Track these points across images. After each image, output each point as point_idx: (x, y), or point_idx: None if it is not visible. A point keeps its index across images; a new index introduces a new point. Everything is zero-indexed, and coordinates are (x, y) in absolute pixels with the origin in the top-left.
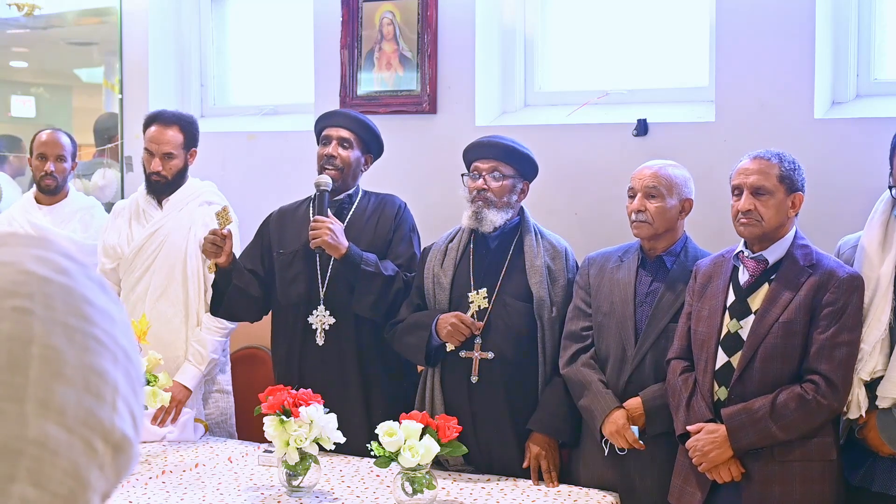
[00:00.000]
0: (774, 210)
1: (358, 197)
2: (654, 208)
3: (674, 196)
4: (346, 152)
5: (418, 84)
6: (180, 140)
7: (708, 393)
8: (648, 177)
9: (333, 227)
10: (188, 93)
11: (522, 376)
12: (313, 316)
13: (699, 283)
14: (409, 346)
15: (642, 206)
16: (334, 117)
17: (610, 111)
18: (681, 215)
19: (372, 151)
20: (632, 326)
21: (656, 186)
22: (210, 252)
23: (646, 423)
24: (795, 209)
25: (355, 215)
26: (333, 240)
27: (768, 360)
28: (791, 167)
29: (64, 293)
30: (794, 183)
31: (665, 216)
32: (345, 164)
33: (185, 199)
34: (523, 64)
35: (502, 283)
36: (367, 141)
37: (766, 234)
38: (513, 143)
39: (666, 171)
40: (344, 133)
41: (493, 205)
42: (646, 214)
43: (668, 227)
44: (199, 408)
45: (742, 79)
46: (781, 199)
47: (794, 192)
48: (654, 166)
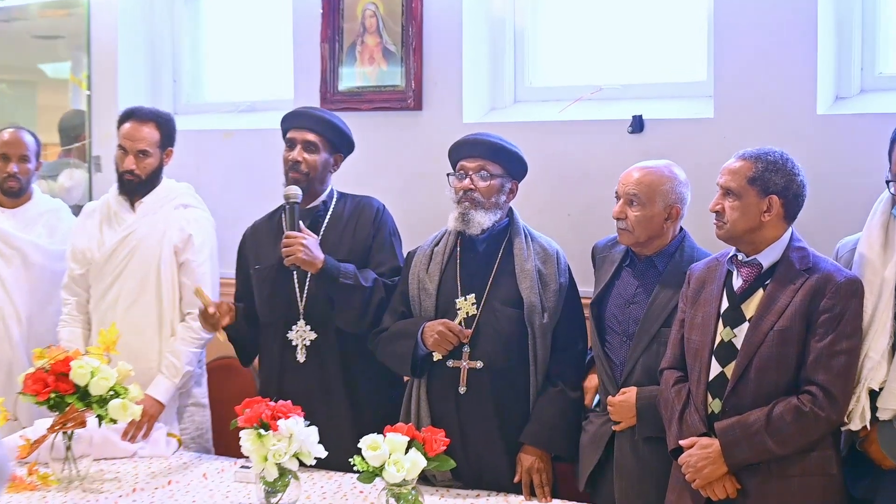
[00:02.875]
0: (740, 213)
1: (333, 201)
2: (633, 217)
3: (657, 203)
4: (312, 156)
5: (402, 79)
6: (156, 138)
7: (702, 405)
8: (632, 183)
9: (307, 242)
10: (160, 88)
11: (513, 386)
12: (293, 332)
13: (692, 288)
14: (393, 356)
15: (622, 214)
16: (298, 118)
17: (604, 107)
18: (667, 223)
19: (342, 151)
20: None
21: (637, 194)
22: (210, 328)
23: (637, 423)
24: (772, 213)
25: (332, 222)
26: (308, 255)
27: (763, 371)
28: (770, 168)
29: None
30: (770, 185)
31: (646, 225)
32: (311, 169)
33: (160, 202)
34: (513, 58)
35: (491, 289)
36: (334, 141)
37: (735, 237)
38: (501, 140)
39: (651, 178)
40: (309, 136)
41: (481, 206)
42: (626, 222)
43: (652, 235)
44: (173, 423)
45: (742, 73)
46: (751, 202)
47: (769, 195)
48: (640, 170)
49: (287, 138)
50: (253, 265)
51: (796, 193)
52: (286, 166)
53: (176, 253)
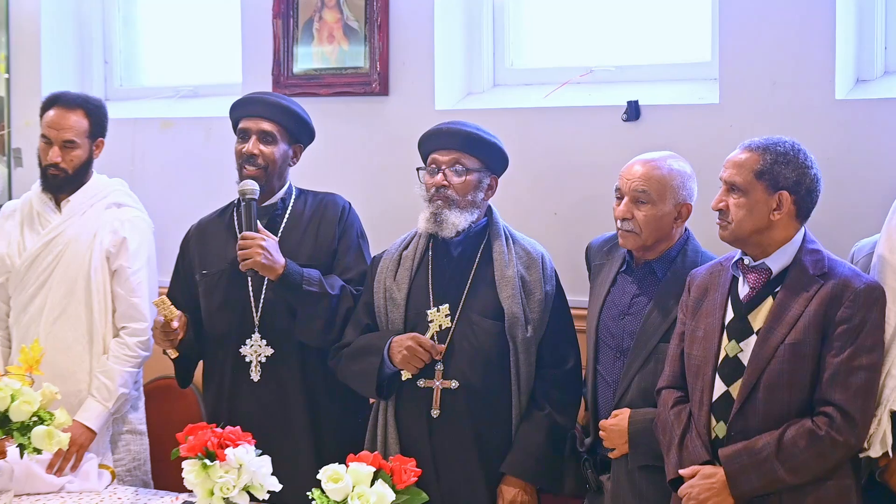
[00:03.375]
0: (746, 211)
1: (292, 198)
2: (642, 216)
3: (667, 201)
4: (270, 148)
5: (366, 60)
6: (85, 127)
7: (704, 429)
8: (638, 177)
9: (266, 244)
10: (89, 72)
11: (493, 409)
12: (247, 347)
13: (693, 296)
14: (357, 375)
15: (628, 213)
16: (251, 106)
17: (595, 92)
18: (676, 222)
19: (301, 141)
20: (594, 342)
21: (646, 191)
22: (165, 344)
23: (630, 450)
24: (782, 211)
25: (291, 222)
26: (268, 259)
27: (773, 390)
28: (779, 160)
29: None
30: (780, 179)
31: (655, 225)
32: (268, 163)
33: (89, 200)
34: (492, 36)
35: (467, 298)
36: (293, 131)
37: (740, 239)
38: (478, 130)
39: (659, 172)
40: (265, 125)
41: (455, 204)
42: (632, 223)
43: (660, 238)
44: (106, 453)
45: (751, 52)
46: (759, 199)
47: (778, 191)
48: (645, 164)
49: (239, 129)
50: (199, 269)
51: (809, 189)
52: (240, 160)
53: (108, 259)
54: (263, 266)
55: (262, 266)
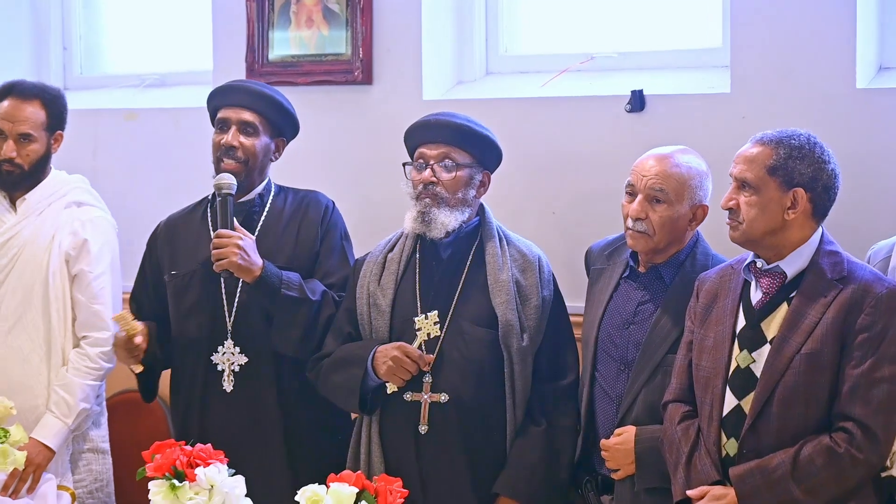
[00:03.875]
0: (759, 210)
1: (271, 196)
2: (657, 218)
3: (684, 202)
4: (251, 140)
5: (348, 46)
6: (42, 119)
7: (714, 447)
8: (655, 175)
9: (243, 244)
10: (46, 59)
11: (485, 425)
12: (219, 354)
13: (702, 303)
14: (338, 388)
15: (642, 213)
16: (232, 94)
17: (596, 80)
18: (691, 224)
19: (285, 134)
20: (592, 355)
21: (664, 189)
22: (129, 360)
23: (637, 471)
24: (797, 210)
25: (269, 221)
26: (244, 260)
27: (788, 404)
28: (794, 154)
29: None
30: (794, 176)
31: (670, 228)
32: (249, 156)
33: (47, 199)
34: (484, 20)
35: (458, 305)
36: (277, 122)
37: (752, 240)
38: (469, 122)
39: (678, 170)
40: (246, 115)
41: (445, 203)
42: (646, 223)
43: (672, 241)
44: (66, 473)
45: (765, 38)
46: (772, 197)
47: (793, 188)
48: (663, 159)
49: (218, 119)
50: (167, 270)
51: (826, 186)
52: (217, 152)
53: (67, 262)
54: (239, 267)
55: (238, 267)
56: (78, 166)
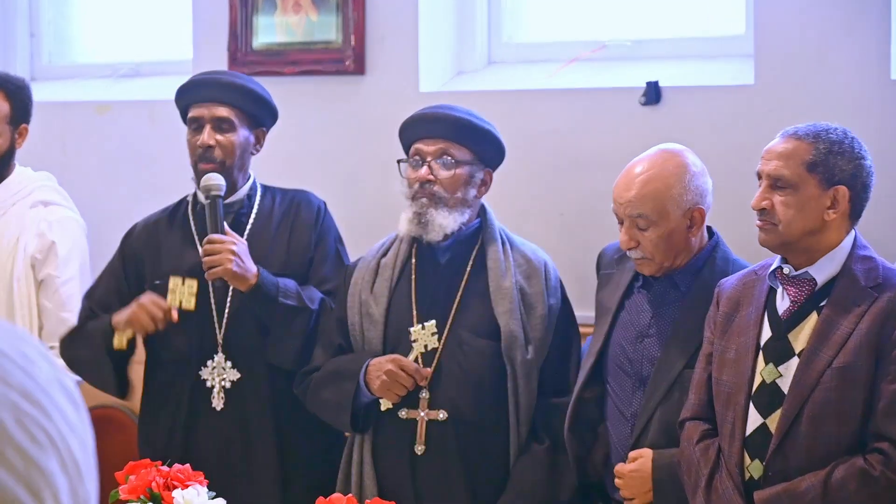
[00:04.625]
0: (797, 210)
1: (258, 197)
2: (647, 241)
3: (671, 215)
4: (228, 136)
5: (339, 33)
6: (5, 111)
7: (736, 469)
8: (628, 202)
9: (237, 249)
10: (12, 46)
11: (487, 444)
12: (208, 370)
13: (722, 311)
14: (328, 405)
15: (632, 242)
16: (201, 89)
17: (608, 71)
18: (691, 231)
19: (264, 123)
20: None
21: (643, 214)
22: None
23: (654, 499)
24: (838, 209)
25: (258, 224)
26: (240, 267)
27: (819, 422)
28: (834, 150)
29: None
30: (835, 172)
31: (665, 245)
32: (227, 154)
33: (11, 198)
34: (486, 5)
35: (457, 314)
36: (254, 113)
37: (789, 243)
38: (470, 115)
39: (652, 186)
40: (220, 111)
41: (443, 203)
42: (640, 250)
43: (676, 253)
44: None
45: (791, 26)
46: (812, 195)
47: (833, 186)
48: (635, 180)
49: (191, 117)
50: (149, 280)
51: (865, 184)
52: (194, 154)
53: (33, 266)
54: (234, 275)
55: (234, 275)
56: (45, 163)
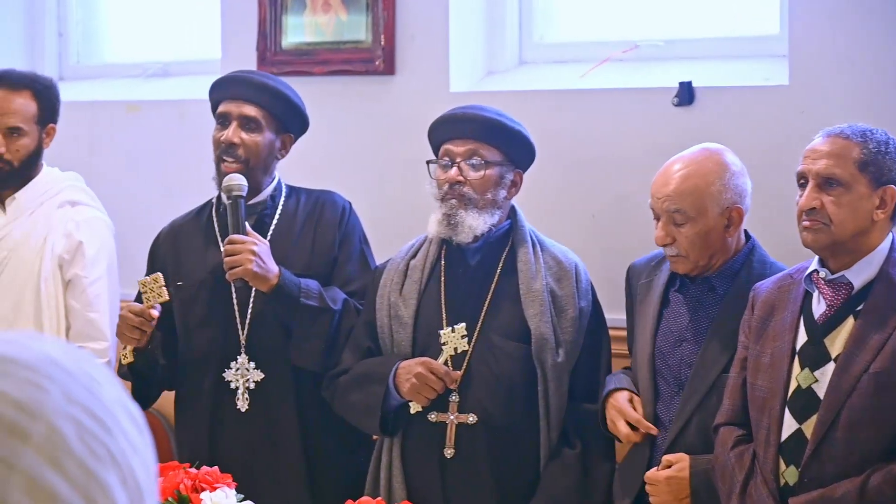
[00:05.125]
0: (850, 210)
1: (282, 197)
2: (684, 239)
3: (709, 213)
4: (253, 136)
5: (369, 33)
6: (33, 111)
7: (771, 475)
8: (667, 196)
9: (258, 250)
10: (41, 46)
11: (517, 448)
12: (231, 371)
13: (758, 315)
14: (356, 408)
15: (668, 238)
16: (233, 86)
17: (640, 71)
18: (728, 231)
19: (292, 130)
20: (648, 376)
21: (680, 210)
22: (132, 338)
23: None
24: (886, 210)
25: (282, 224)
26: (260, 267)
27: (855, 428)
28: (882, 149)
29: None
30: (884, 171)
31: (702, 244)
32: (251, 154)
33: (39, 198)
34: (517, 5)
35: (487, 317)
36: (282, 117)
37: (839, 243)
38: (500, 115)
39: (691, 182)
40: (248, 110)
41: (473, 204)
42: (676, 247)
43: (712, 253)
44: None
45: (826, 25)
46: (862, 195)
47: (883, 186)
48: (674, 175)
49: (218, 113)
50: (173, 281)
51: None
52: (217, 150)
53: (61, 266)
54: (255, 275)
55: (254, 275)
56: (73, 163)
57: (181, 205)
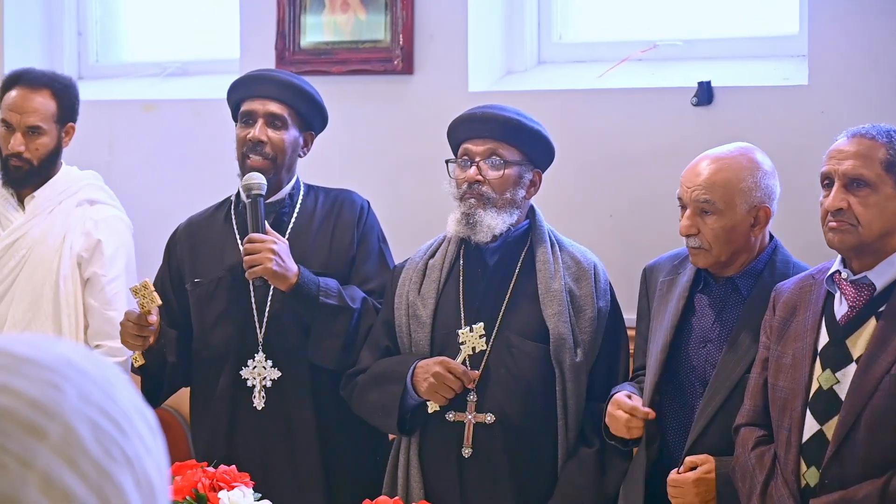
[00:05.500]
0: (877, 210)
1: (300, 196)
2: (709, 230)
3: (738, 208)
4: (279, 134)
5: (387, 32)
6: (52, 109)
7: (792, 476)
8: (699, 185)
9: (278, 249)
10: (59, 45)
11: (535, 447)
12: (248, 369)
13: (779, 316)
14: (374, 407)
15: (693, 228)
16: (257, 84)
17: (659, 71)
18: (753, 230)
19: (314, 127)
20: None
21: (709, 200)
22: (135, 344)
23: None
24: None
25: (300, 222)
26: (280, 266)
27: (877, 429)
28: None
29: (104, 396)
30: None
31: (726, 238)
32: (277, 152)
33: (57, 196)
34: (536, 4)
35: (506, 316)
36: (306, 115)
37: (866, 244)
38: (519, 115)
39: (724, 174)
40: (274, 107)
41: (492, 203)
42: (699, 238)
43: (736, 250)
44: None
45: (846, 25)
46: (888, 196)
47: None
48: (707, 166)
49: (243, 111)
50: (189, 278)
51: None
52: (243, 148)
53: (79, 265)
54: (275, 274)
55: (274, 274)
56: (92, 161)
57: (199, 203)
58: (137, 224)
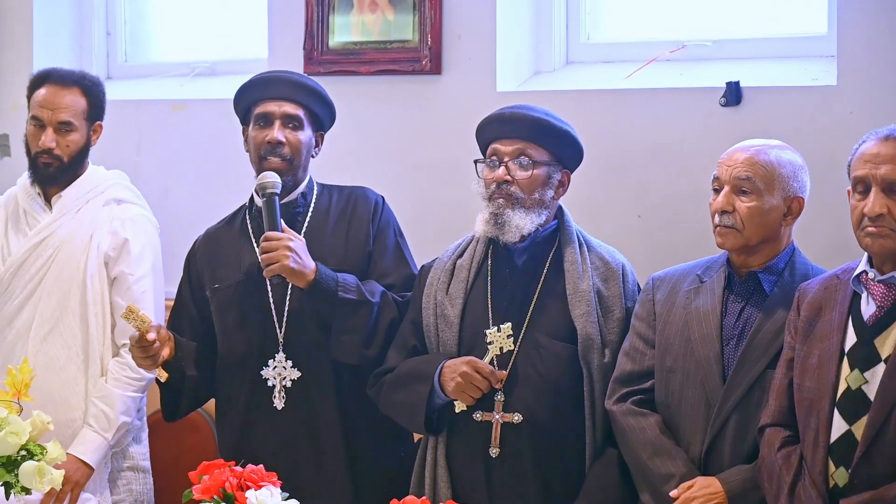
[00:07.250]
0: None
1: (314, 194)
2: (745, 209)
3: (776, 192)
4: (296, 134)
5: (416, 32)
6: (82, 106)
7: (820, 477)
8: (741, 163)
9: (294, 246)
10: (89, 45)
11: (562, 447)
12: (269, 369)
13: (804, 316)
14: (401, 406)
15: (729, 205)
16: (272, 86)
17: (687, 71)
18: (786, 220)
19: (324, 127)
20: (719, 373)
21: (751, 178)
22: (145, 364)
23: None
24: None
25: (315, 221)
26: (297, 263)
27: None
28: None
29: None
30: None
31: (760, 220)
32: (295, 153)
33: (85, 196)
34: (564, 4)
35: (534, 316)
36: (319, 114)
37: None
38: (548, 115)
39: (766, 157)
40: (289, 108)
41: (520, 203)
42: (733, 217)
43: (766, 237)
44: (104, 492)
45: (875, 25)
46: None
47: None
48: (749, 148)
49: (258, 113)
50: (209, 285)
51: None
52: (261, 150)
53: (106, 264)
54: (292, 271)
55: (291, 271)
56: (120, 161)
57: (226, 203)
58: (164, 224)
